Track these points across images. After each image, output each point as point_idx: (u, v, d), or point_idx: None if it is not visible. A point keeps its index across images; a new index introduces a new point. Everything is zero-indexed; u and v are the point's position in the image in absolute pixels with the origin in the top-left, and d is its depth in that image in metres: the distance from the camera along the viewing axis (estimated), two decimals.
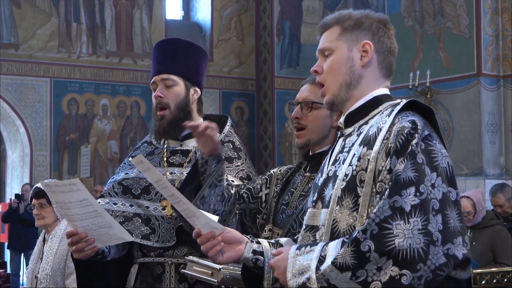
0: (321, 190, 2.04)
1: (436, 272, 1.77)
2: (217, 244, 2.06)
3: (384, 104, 2.03)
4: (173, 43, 3.13)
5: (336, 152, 2.07)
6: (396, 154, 1.85)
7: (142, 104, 14.02)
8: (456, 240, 1.81)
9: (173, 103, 2.98)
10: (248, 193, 2.73)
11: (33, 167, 13.21)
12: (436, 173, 1.84)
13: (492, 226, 6.13)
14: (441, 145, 1.92)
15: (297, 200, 2.56)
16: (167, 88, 2.99)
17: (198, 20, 15.46)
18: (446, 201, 1.83)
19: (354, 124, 2.06)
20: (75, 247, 2.60)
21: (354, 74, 2.04)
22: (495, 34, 10.85)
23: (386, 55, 2.07)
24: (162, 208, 2.96)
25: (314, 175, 2.55)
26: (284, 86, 14.95)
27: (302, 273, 1.86)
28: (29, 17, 13.34)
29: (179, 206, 2.12)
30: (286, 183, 2.66)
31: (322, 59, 2.10)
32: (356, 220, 1.90)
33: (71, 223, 2.58)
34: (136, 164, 2.15)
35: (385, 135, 1.89)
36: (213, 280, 2.29)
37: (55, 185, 2.50)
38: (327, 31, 2.10)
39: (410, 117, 1.91)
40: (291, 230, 2.49)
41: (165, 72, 2.99)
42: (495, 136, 10.81)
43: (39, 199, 4.52)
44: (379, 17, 2.10)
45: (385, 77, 2.08)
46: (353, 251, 1.78)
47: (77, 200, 2.45)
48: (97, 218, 2.51)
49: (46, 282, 4.42)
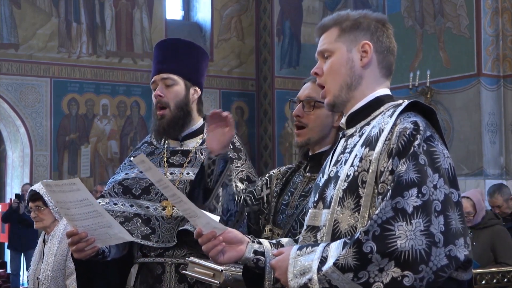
0: (323, 190, 2.03)
1: (438, 274, 1.77)
2: (218, 244, 2.05)
3: (386, 104, 2.03)
4: (174, 43, 3.13)
5: (337, 153, 2.07)
6: (398, 155, 1.85)
7: (142, 104, 14.02)
8: (458, 242, 1.81)
9: (172, 102, 2.98)
10: (250, 196, 2.72)
11: (33, 167, 13.21)
12: (438, 174, 1.84)
13: (492, 226, 6.13)
14: (443, 146, 1.91)
15: (297, 200, 2.55)
16: (167, 87, 2.99)
17: (198, 20, 15.46)
18: (448, 202, 1.83)
19: (355, 124, 2.05)
20: (75, 247, 2.60)
21: (354, 75, 2.03)
22: (495, 34, 10.85)
23: (386, 55, 2.07)
24: (162, 208, 2.96)
25: (314, 175, 2.54)
26: (284, 86, 14.95)
27: (303, 274, 1.86)
28: (29, 17, 13.34)
29: (181, 206, 2.12)
30: (285, 183, 2.65)
31: (321, 61, 2.09)
32: (358, 221, 1.90)
33: (71, 223, 2.58)
34: (138, 163, 2.16)
35: (387, 136, 1.89)
36: (215, 281, 2.28)
37: (56, 185, 2.49)
38: (325, 32, 2.09)
39: (412, 118, 1.91)
40: (292, 230, 2.49)
41: (165, 72, 2.99)
42: (495, 136, 10.81)
43: (35, 202, 4.51)
44: (377, 16, 2.09)
45: (385, 77, 2.08)
46: (355, 252, 1.78)
47: (77, 200, 2.45)
48: (97, 218, 2.51)
49: (48, 283, 4.41)
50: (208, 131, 2.72)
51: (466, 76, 10.88)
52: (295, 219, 2.50)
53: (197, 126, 3.09)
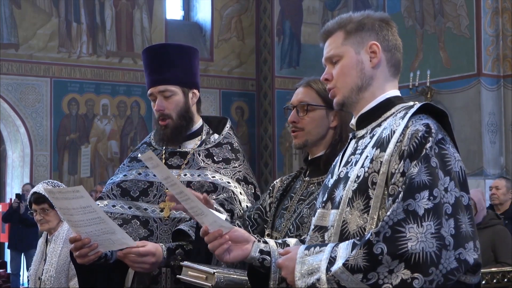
0: (331, 191, 2.03)
1: (447, 277, 1.77)
2: (224, 243, 2.06)
3: (397, 106, 2.03)
4: (163, 49, 3.10)
5: (348, 154, 2.06)
6: (409, 157, 1.85)
7: (142, 104, 14.01)
8: (468, 245, 1.81)
9: (174, 112, 2.99)
10: (258, 212, 2.69)
11: (33, 167, 13.21)
12: (449, 177, 1.84)
13: (493, 226, 6.14)
14: (454, 149, 1.91)
15: (295, 204, 2.55)
16: (166, 98, 2.99)
17: (198, 20, 15.46)
18: (458, 205, 1.83)
19: (366, 126, 2.05)
20: (78, 252, 2.60)
21: (365, 77, 2.03)
22: (495, 34, 10.85)
23: (394, 52, 2.07)
24: (160, 210, 2.96)
25: (313, 179, 2.55)
26: (284, 86, 14.95)
27: (311, 274, 1.86)
28: (29, 17, 13.34)
29: (187, 203, 2.13)
30: (286, 189, 2.65)
31: (330, 66, 2.08)
32: (367, 222, 1.90)
33: (75, 229, 2.57)
34: (146, 160, 2.16)
35: (399, 138, 1.89)
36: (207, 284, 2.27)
37: (59, 192, 2.49)
38: (330, 37, 2.09)
39: (424, 120, 1.91)
40: (289, 233, 2.48)
41: (162, 83, 2.98)
42: (495, 136, 10.81)
43: (41, 205, 4.46)
44: (380, 16, 2.09)
45: (394, 76, 2.08)
46: (365, 253, 1.77)
47: (80, 207, 2.44)
48: (100, 225, 2.51)
49: (50, 284, 4.40)
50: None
51: (466, 76, 10.88)
52: (292, 223, 2.49)
53: (196, 127, 3.10)
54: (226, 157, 3.05)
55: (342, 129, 2.52)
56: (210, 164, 3.02)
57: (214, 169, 3.01)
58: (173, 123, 2.99)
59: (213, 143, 3.09)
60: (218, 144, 3.09)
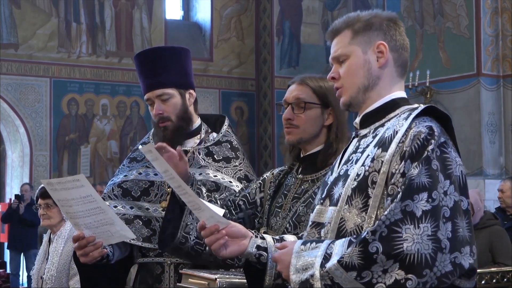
0: (331, 188, 2.03)
1: (441, 280, 1.77)
2: (221, 238, 2.06)
3: (402, 107, 2.02)
4: (156, 53, 3.11)
5: (349, 152, 2.06)
6: (411, 158, 1.84)
7: (142, 104, 14.01)
8: (464, 249, 1.81)
9: (173, 115, 3.00)
10: (244, 200, 2.68)
11: (33, 167, 13.21)
12: (449, 181, 1.83)
13: (490, 226, 6.13)
14: (456, 154, 1.91)
15: (290, 202, 2.53)
16: (164, 102, 3.00)
17: (198, 20, 15.46)
18: (457, 209, 1.82)
19: (370, 125, 2.04)
20: (82, 251, 2.59)
21: (372, 77, 2.02)
22: (495, 34, 10.85)
23: (401, 52, 2.05)
24: (162, 209, 2.96)
25: (306, 177, 2.53)
26: (284, 86, 14.75)
27: (306, 269, 1.85)
28: (29, 17, 13.34)
29: (185, 198, 2.13)
30: (279, 186, 2.64)
31: (337, 65, 2.07)
32: (364, 220, 1.89)
33: (73, 221, 2.56)
34: (145, 153, 2.19)
35: (401, 139, 1.88)
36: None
37: (58, 182, 2.47)
38: (337, 36, 2.07)
39: (428, 122, 1.90)
40: (286, 232, 2.47)
41: (158, 87, 3.00)
42: (495, 136, 10.81)
43: (46, 199, 4.50)
44: (388, 15, 2.08)
45: (401, 76, 2.07)
46: (361, 252, 1.77)
47: (80, 197, 2.44)
48: (99, 215, 2.49)
49: (51, 283, 4.42)
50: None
51: (466, 76, 10.88)
52: (288, 221, 2.49)
53: (195, 126, 3.11)
54: (226, 155, 3.05)
55: (338, 127, 2.51)
56: (211, 163, 3.03)
57: (215, 168, 3.01)
58: (172, 125, 3.00)
59: (212, 142, 3.10)
60: (218, 143, 3.10)
